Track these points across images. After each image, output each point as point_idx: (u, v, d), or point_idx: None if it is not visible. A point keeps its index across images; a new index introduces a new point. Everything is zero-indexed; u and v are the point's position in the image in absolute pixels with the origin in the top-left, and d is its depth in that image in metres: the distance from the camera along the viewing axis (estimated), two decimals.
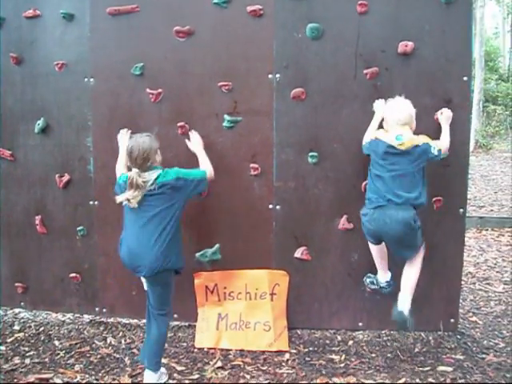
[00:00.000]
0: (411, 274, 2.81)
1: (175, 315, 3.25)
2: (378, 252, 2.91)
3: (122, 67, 3.10)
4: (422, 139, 2.74)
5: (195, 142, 3.00)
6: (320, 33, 3.00)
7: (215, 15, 3.05)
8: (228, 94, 3.06)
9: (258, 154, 3.08)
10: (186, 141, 3.03)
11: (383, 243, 2.86)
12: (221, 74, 3.06)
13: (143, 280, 2.71)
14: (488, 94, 16.71)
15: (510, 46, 21.75)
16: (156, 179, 2.57)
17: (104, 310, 3.35)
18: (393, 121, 2.76)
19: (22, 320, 3.53)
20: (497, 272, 4.15)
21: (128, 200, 2.56)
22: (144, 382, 2.69)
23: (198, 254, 3.15)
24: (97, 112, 3.19)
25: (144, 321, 3.31)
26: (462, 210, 3.09)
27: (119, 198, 2.60)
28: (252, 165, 3.08)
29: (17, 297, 3.46)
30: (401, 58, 2.96)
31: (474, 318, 3.36)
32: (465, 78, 3.00)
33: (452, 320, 3.14)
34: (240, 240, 3.14)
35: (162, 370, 2.75)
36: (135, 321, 3.40)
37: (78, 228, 3.28)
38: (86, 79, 3.20)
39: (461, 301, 3.37)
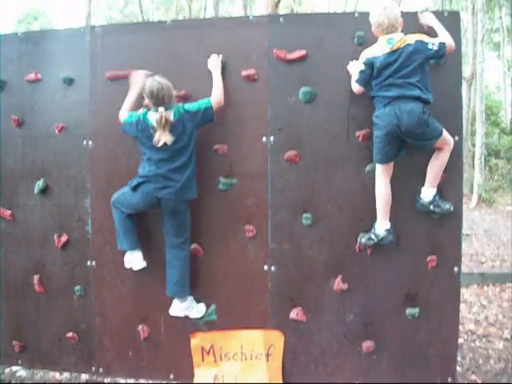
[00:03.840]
0: (434, 164, 2.92)
1: (171, 375, 3.25)
2: (386, 195, 2.90)
3: (120, 130, 3.17)
4: (416, 37, 2.80)
5: (212, 64, 3.08)
6: (312, 96, 3.07)
7: (211, 80, 3.12)
8: (223, 157, 3.13)
9: (253, 215, 3.11)
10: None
11: (389, 186, 2.90)
12: (216, 138, 3.13)
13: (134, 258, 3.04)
14: (490, 148, 16.87)
15: (511, 99, 21.90)
16: (174, 117, 2.88)
17: (100, 370, 3.33)
18: (382, 27, 2.82)
19: (19, 378, 3.53)
20: (497, 329, 4.11)
21: (163, 139, 2.83)
22: (171, 312, 3.08)
23: None
24: (95, 174, 3.26)
25: (141, 381, 3.35)
26: (456, 269, 3.08)
27: (158, 142, 2.84)
28: (247, 227, 3.11)
29: (14, 355, 3.46)
30: None
31: (473, 377, 3.33)
32: (456, 138, 3.04)
33: (450, 379, 3.10)
34: (236, 301, 3.15)
35: (191, 300, 3.10)
36: (132, 381, 3.39)
37: (76, 288, 3.30)
38: (84, 142, 3.27)
39: (460, 359, 3.36)
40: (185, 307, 3.07)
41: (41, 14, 27.02)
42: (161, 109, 2.86)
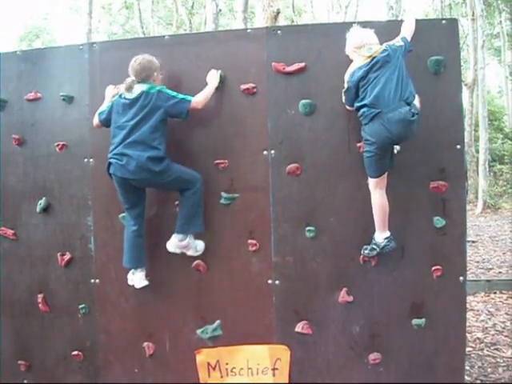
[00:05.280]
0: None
1: None
2: (384, 206, 2.88)
3: None
4: (385, 44, 2.86)
5: (210, 76, 3.07)
6: (312, 108, 3.07)
7: None
8: (224, 172, 3.12)
9: (256, 229, 3.10)
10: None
11: (385, 196, 2.88)
12: (217, 152, 3.13)
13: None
14: (494, 154, 16.90)
15: None
16: (143, 90, 2.91)
17: None
18: (359, 45, 2.87)
19: None
20: (505, 336, 4.08)
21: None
22: (167, 247, 3.00)
23: (198, 331, 3.15)
24: (97, 191, 3.26)
25: None
26: (461, 278, 3.06)
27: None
28: (250, 241, 3.10)
29: (20, 374, 3.44)
30: None
31: None
32: (458, 147, 3.04)
33: None
34: (240, 316, 3.14)
35: (190, 239, 3.02)
36: None
37: (80, 306, 3.29)
38: (85, 159, 3.27)
39: (469, 368, 3.33)
40: (183, 245, 3.00)
41: (42, 31, 27.20)
42: (130, 78, 2.96)
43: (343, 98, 2.95)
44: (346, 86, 2.89)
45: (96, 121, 3.10)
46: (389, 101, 2.74)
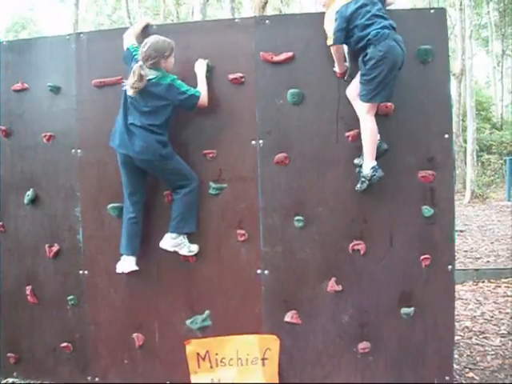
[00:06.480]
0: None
1: (167, 382, 3.23)
2: (375, 132, 2.87)
3: (109, 137, 3.14)
4: None
5: (198, 67, 3.08)
6: (301, 98, 3.06)
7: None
8: (213, 162, 3.11)
9: (245, 219, 3.10)
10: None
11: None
12: (205, 142, 3.12)
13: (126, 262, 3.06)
14: (482, 144, 17.05)
15: (501, 94, 22.04)
16: (153, 78, 2.89)
17: (96, 379, 3.31)
18: None
19: None
20: (493, 325, 4.11)
21: (129, 87, 2.87)
22: (161, 245, 3.04)
23: (188, 322, 3.15)
24: (85, 182, 3.24)
25: None
26: (450, 267, 3.07)
27: (125, 86, 2.91)
28: (239, 231, 3.10)
29: (9, 367, 3.44)
30: (381, 119, 2.97)
31: (470, 374, 3.32)
32: (446, 136, 3.04)
33: (447, 377, 3.09)
34: (230, 306, 3.14)
35: (184, 238, 3.05)
36: None
37: (69, 297, 3.28)
38: (73, 150, 3.26)
39: (457, 356, 3.34)
40: (175, 243, 3.05)
41: (29, 22, 27.02)
42: (138, 63, 2.90)
43: (332, 38, 2.85)
44: (336, 22, 2.82)
45: (126, 42, 3.09)
46: (390, 28, 2.79)
